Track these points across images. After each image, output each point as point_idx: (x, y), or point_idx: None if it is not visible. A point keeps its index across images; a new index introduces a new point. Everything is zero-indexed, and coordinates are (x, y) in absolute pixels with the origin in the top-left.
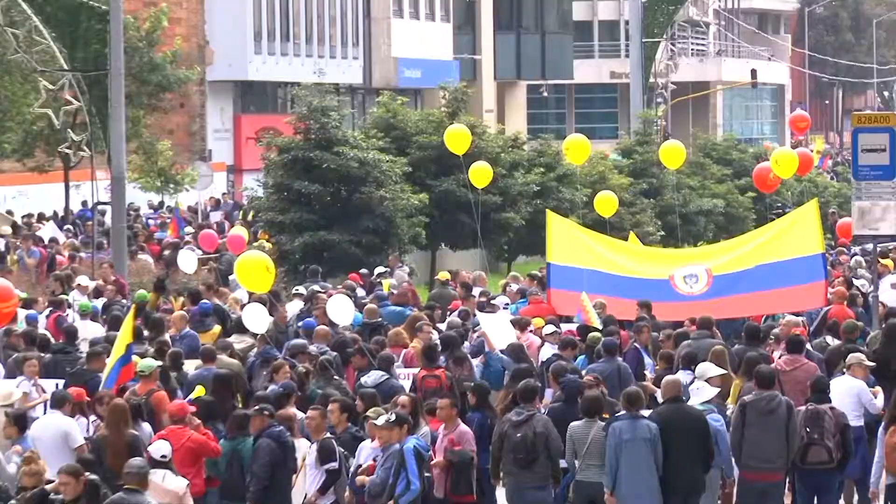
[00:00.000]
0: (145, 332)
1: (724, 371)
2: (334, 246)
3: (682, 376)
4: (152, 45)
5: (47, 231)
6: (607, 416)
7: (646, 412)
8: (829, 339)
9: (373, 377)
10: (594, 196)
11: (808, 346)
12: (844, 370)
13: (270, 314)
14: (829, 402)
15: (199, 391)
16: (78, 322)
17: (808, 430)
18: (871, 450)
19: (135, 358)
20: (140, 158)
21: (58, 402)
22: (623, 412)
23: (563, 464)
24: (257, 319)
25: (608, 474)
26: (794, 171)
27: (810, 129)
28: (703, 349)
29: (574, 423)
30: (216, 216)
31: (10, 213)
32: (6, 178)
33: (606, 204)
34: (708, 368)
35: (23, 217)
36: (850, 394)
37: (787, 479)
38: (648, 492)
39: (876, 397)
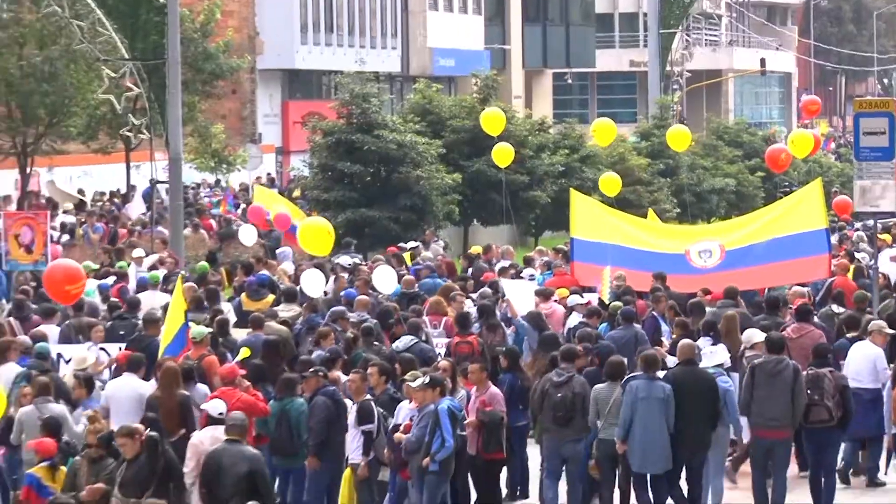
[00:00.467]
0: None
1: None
2: (374, 222)
3: (703, 341)
4: (206, 35)
5: (137, 207)
6: None
7: (661, 373)
8: (834, 307)
9: (403, 342)
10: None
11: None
12: (865, 336)
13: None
14: (829, 366)
15: (245, 353)
16: (148, 291)
17: (809, 391)
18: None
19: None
20: (195, 141)
21: (133, 365)
22: (640, 372)
23: None
24: (314, 284)
25: (621, 427)
26: (810, 150)
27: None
28: (720, 317)
29: (598, 386)
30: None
31: (81, 191)
32: (72, 159)
33: (611, 184)
34: (754, 334)
35: (94, 195)
36: (867, 359)
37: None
38: (659, 447)
39: None
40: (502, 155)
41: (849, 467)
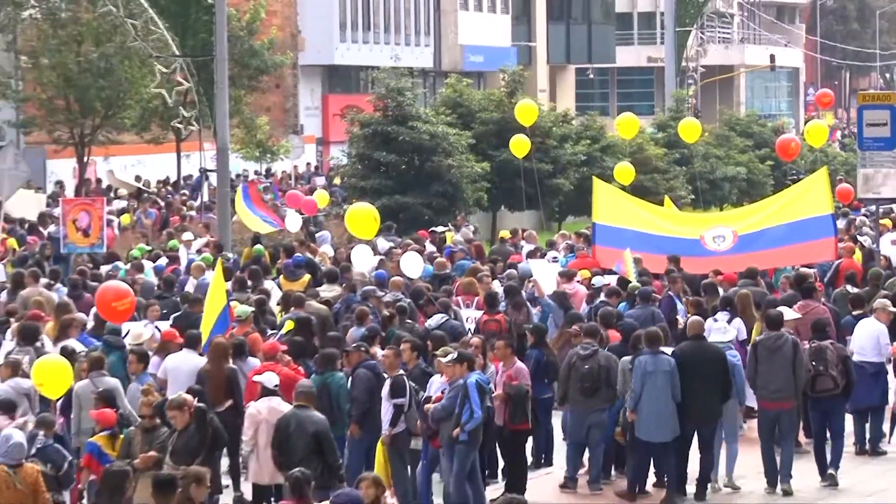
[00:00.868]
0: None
1: (797, 315)
2: (408, 208)
3: (721, 316)
4: (252, 34)
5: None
6: None
7: (668, 349)
8: (848, 287)
9: (435, 319)
10: (634, 164)
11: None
12: (870, 313)
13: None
14: (829, 338)
15: (289, 325)
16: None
17: (814, 363)
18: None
19: (232, 304)
20: (241, 132)
21: (192, 342)
22: (646, 348)
23: None
24: (363, 259)
25: (631, 398)
26: (825, 140)
27: (817, 109)
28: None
29: (625, 358)
30: (320, 181)
31: (138, 178)
32: (126, 149)
33: (625, 174)
34: (787, 311)
35: (158, 182)
36: (872, 335)
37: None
38: (666, 415)
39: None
40: (520, 146)
41: (862, 442)
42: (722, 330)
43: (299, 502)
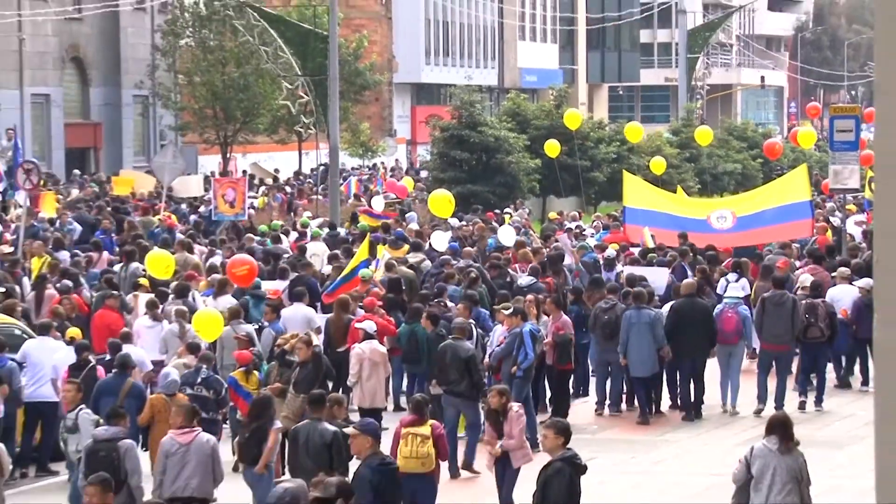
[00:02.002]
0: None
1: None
2: (477, 194)
3: (732, 276)
4: (357, 58)
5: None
6: None
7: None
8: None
9: (524, 280)
10: (650, 161)
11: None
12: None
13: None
14: (822, 297)
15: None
16: (313, 242)
17: (807, 316)
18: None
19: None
20: (348, 135)
21: (298, 296)
22: (633, 305)
23: None
24: (441, 239)
25: (621, 345)
26: (813, 143)
27: (801, 117)
28: (772, 260)
29: (627, 312)
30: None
31: (277, 170)
32: (260, 147)
33: (658, 166)
34: (806, 279)
35: (294, 174)
36: (849, 295)
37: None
38: (647, 357)
39: None
40: (552, 148)
41: (843, 378)
42: (738, 288)
43: (419, 419)
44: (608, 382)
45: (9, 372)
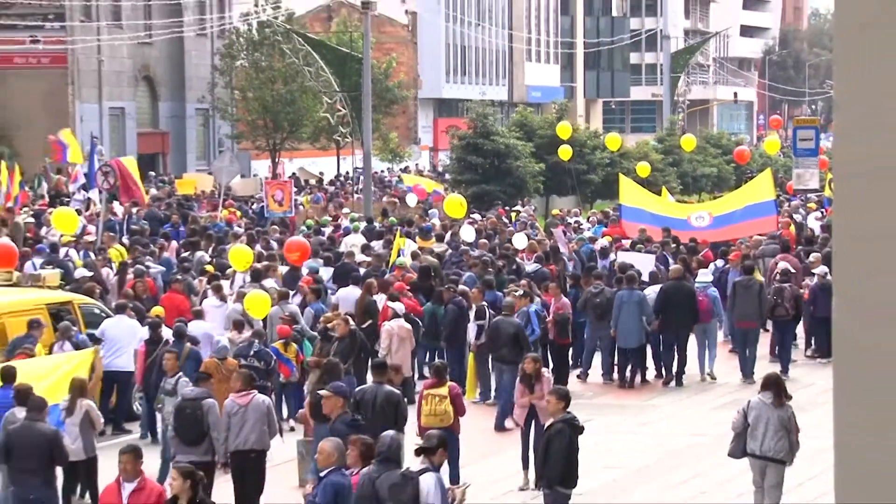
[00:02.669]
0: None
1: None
2: (490, 193)
3: (719, 262)
4: (387, 77)
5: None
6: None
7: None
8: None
9: (531, 267)
10: (637, 165)
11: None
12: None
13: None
14: (790, 281)
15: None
16: (351, 235)
17: (776, 298)
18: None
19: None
20: (379, 143)
21: (355, 281)
22: (624, 286)
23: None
24: (469, 232)
25: (612, 320)
26: (777, 150)
27: (767, 127)
28: (767, 252)
29: (619, 292)
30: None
31: (321, 173)
32: (304, 153)
33: (643, 169)
34: (787, 266)
35: (336, 176)
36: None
37: (763, 329)
38: (635, 332)
39: None
40: (565, 153)
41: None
42: (707, 273)
43: (438, 381)
44: (597, 355)
45: (83, 345)
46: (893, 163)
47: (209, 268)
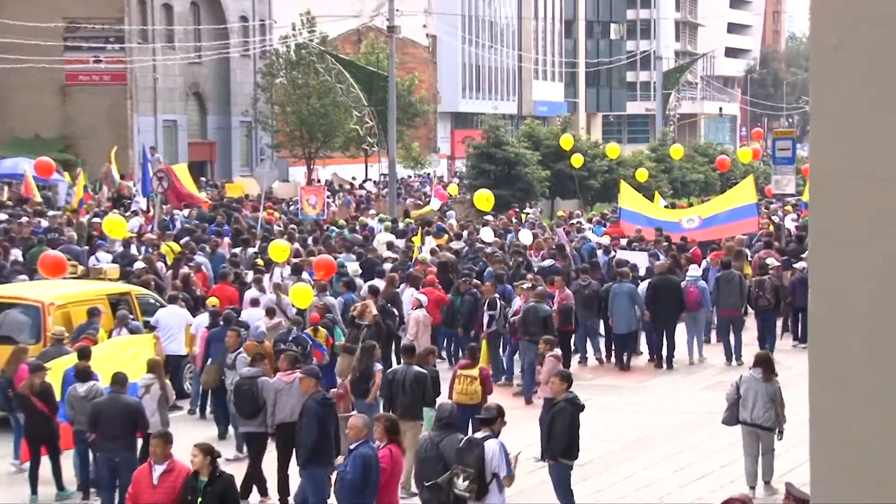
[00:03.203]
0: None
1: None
2: (501, 197)
3: (706, 263)
4: (410, 93)
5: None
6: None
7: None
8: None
9: (546, 262)
10: (635, 172)
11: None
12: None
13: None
14: (768, 274)
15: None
16: (380, 233)
17: (757, 289)
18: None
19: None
20: (403, 151)
21: (379, 275)
22: (618, 280)
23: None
24: (488, 234)
25: (609, 309)
26: (750, 159)
27: (749, 138)
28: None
29: (614, 285)
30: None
31: (353, 177)
32: (336, 161)
33: (642, 174)
34: (773, 261)
35: (363, 181)
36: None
37: (745, 317)
38: (628, 318)
39: None
40: (577, 160)
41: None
42: (696, 269)
43: (471, 363)
44: (587, 341)
45: (138, 331)
46: (863, 171)
47: (259, 262)
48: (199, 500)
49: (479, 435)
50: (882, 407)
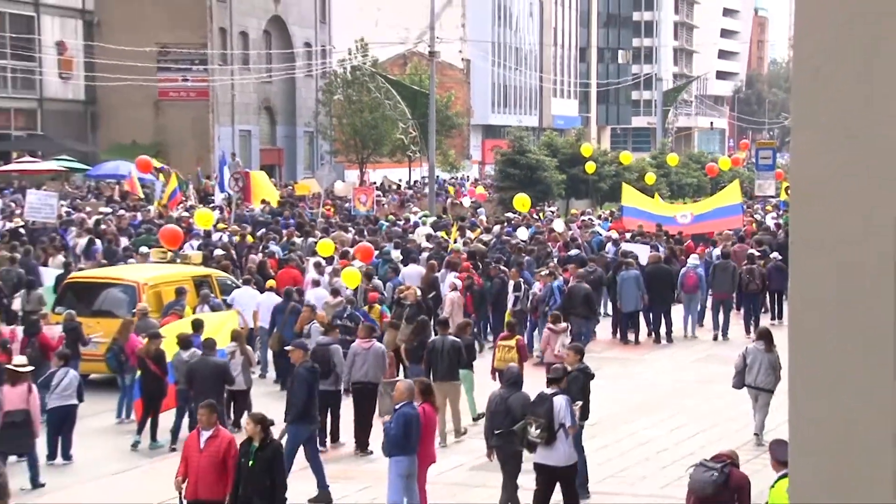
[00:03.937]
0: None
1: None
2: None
3: (707, 252)
4: (447, 108)
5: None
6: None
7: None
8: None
9: (573, 252)
10: (640, 176)
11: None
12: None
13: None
14: (755, 264)
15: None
16: (420, 228)
17: (747, 276)
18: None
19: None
20: (441, 157)
21: (415, 260)
22: (624, 268)
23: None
24: (523, 232)
25: (618, 293)
26: (729, 167)
27: (736, 149)
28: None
29: (622, 272)
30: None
31: (400, 179)
32: (384, 165)
33: (650, 178)
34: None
35: (407, 184)
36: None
37: (736, 300)
38: (633, 299)
39: None
40: (590, 167)
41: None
42: (695, 257)
43: (510, 335)
44: (606, 321)
45: (218, 307)
46: (839, 179)
47: (318, 249)
48: (251, 462)
49: (548, 391)
50: (863, 415)
